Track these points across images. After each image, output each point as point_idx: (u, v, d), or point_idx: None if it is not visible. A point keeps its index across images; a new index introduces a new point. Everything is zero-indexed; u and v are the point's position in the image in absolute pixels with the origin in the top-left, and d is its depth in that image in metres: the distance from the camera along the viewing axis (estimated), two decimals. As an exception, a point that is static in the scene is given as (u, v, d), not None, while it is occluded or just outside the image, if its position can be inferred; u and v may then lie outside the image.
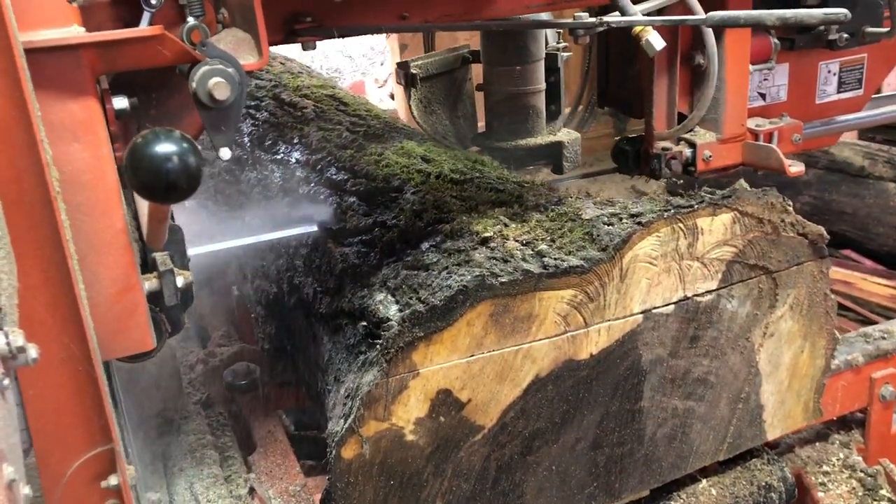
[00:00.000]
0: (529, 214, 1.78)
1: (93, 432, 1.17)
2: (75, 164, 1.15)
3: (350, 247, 1.87)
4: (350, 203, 2.04)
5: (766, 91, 2.59)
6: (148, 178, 0.83)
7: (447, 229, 1.73)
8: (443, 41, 3.70)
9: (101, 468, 1.18)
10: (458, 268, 1.55)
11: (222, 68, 1.14)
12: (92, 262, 1.19)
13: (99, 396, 1.14)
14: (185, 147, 0.83)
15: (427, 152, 2.27)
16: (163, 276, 1.29)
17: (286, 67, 3.57)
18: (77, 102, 1.13)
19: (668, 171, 2.27)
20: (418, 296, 1.52)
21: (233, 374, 2.31)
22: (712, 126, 2.34)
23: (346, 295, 1.72)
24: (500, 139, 2.71)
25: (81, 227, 1.17)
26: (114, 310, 1.24)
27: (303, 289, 1.93)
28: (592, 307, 1.59)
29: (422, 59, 2.72)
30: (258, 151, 2.67)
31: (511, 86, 2.61)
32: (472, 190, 1.97)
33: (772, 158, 2.30)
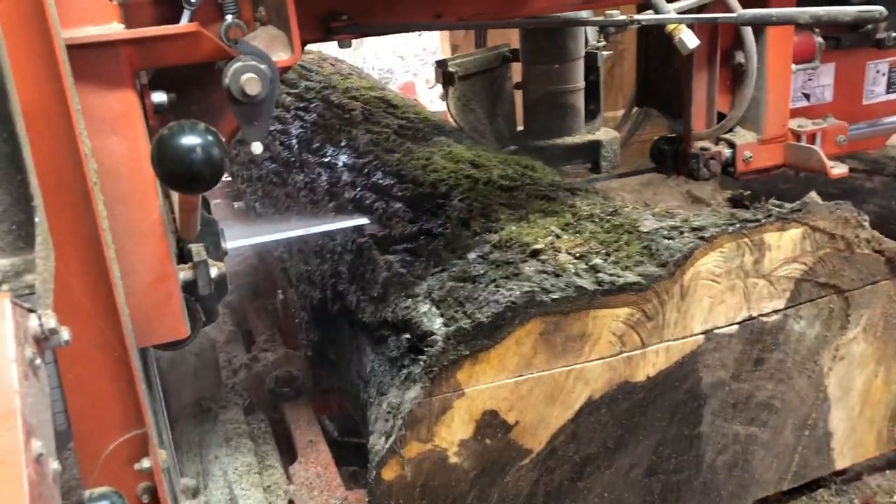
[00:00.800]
0: (583, 225, 1.68)
1: (127, 416, 1.19)
2: (114, 156, 1.19)
3: (395, 255, 1.80)
4: (396, 209, 1.98)
5: (811, 91, 2.55)
6: (173, 168, 0.86)
7: (495, 240, 1.66)
8: (494, 41, 3.70)
9: (135, 451, 1.21)
10: (507, 281, 1.48)
11: (254, 64, 1.17)
12: (129, 252, 1.22)
13: (132, 381, 1.18)
14: (209, 139, 0.85)
15: (476, 157, 2.20)
16: (197, 266, 1.32)
17: (336, 69, 3.54)
18: (115, 96, 1.17)
19: (707, 171, 2.25)
20: (464, 310, 1.46)
21: (276, 380, 2.26)
22: (753, 126, 2.31)
23: (390, 305, 1.65)
24: (539, 138, 2.69)
25: (119, 217, 1.21)
26: (149, 298, 1.26)
27: (346, 296, 1.87)
28: (650, 327, 1.50)
29: (460, 57, 2.72)
30: (306, 154, 2.63)
31: (550, 84, 2.60)
32: (521, 197, 1.89)
33: (813, 160, 2.27)
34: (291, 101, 3.12)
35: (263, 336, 2.66)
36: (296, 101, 3.13)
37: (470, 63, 2.68)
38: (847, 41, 2.40)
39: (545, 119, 2.55)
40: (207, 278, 1.32)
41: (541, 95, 2.54)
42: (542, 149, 2.56)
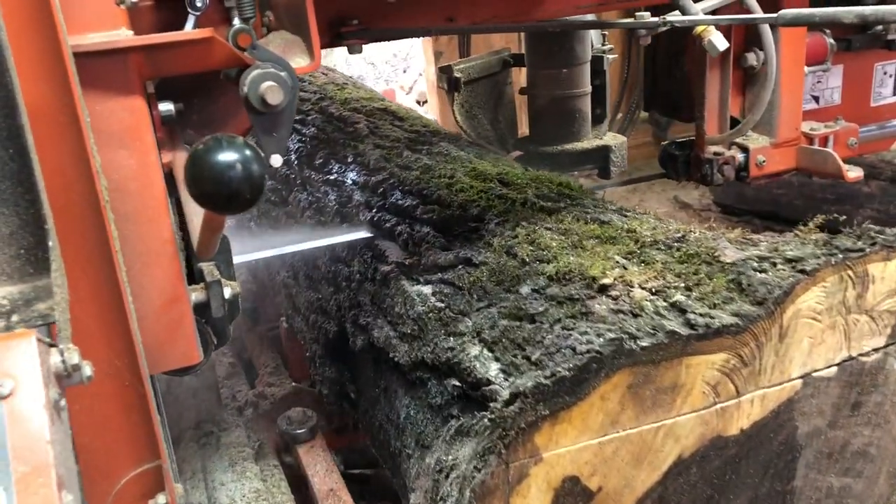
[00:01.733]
0: (649, 254, 1.50)
1: (140, 448, 1.12)
2: (122, 171, 1.11)
3: (429, 285, 1.62)
4: (424, 234, 1.79)
5: (820, 94, 2.52)
6: (210, 188, 0.79)
7: (551, 271, 1.47)
8: (478, 47, 3.66)
9: (148, 486, 1.14)
10: (575, 322, 1.31)
11: (274, 72, 1.11)
12: (138, 273, 1.14)
13: (147, 411, 1.10)
14: (249, 155, 0.78)
15: (503, 173, 2.03)
16: (210, 286, 1.24)
17: (329, 78, 3.38)
18: (124, 107, 1.09)
19: (721, 176, 2.21)
20: (525, 354, 1.28)
21: (288, 420, 2.06)
22: (766, 130, 2.26)
23: (428, 344, 1.47)
24: (545, 143, 2.61)
25: (128, 236, 1.13)
26: (160, 322, 1.19)
27: (371, 331, 1.68)
28: (746, 373, 1.33)
29: (464, 62, 2.67)
30: (308, 170, 2.43)
31: (557, 89, 2.51)
32: (568, 221, 1.70)
33: (829, 163, 2.22)
34: None
35: (267, 368, 2.46)
36: None
37: (473, 68, 2.62)
38: (858, 42, 2.37)
39: (553, 124, 2.48)
40: (221, 299, 1.25)
41: (548, 101, 2.48)
42: (549, 155, 2.50)
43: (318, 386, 1.98)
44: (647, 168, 5.13)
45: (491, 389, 1.25)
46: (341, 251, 1.99)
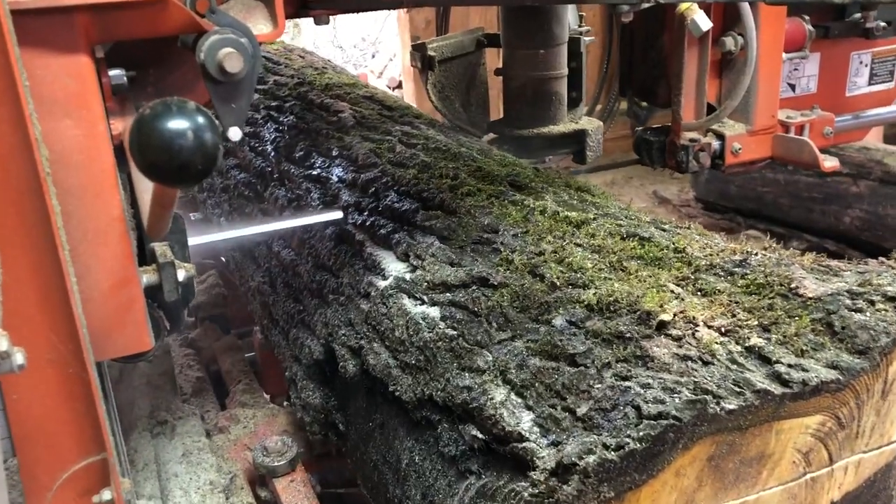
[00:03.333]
0: (707, 281, 1.26)
1: (84, 441, 1.06)
2: (66, 142, 1.03)
3: (436, 307, 1.39)
4: (427, 245, 1.55)
5: (796, 82, 2.50)
6: (157, 157, 0.72)
7: (590, 299, 1.24)
8: (455, 29, 3.59)
9: (92, 481, 1.08)
10: (630, 368, 1.08)
11: (234, 38, 1.03)
12: (84, 253, 1.07)
13: (91, 401, 1.04)
14: (201, 122, 0.71)
15: (514, 175, 1.81)
16: (162, 268, 1.18)
17: (307, 61, 3.12)
18: (69, 73, 1.00)
19: (696, 163, 2.18)
20: (566, 404, 1.06)
21: (264, 450, 1.79)
22: (742, 117, 2.23)
23: (438, 380, 1.25)
24: (520, 126, 2.51)
25: (73, 213, 1.05)
26: (108, 305, 1.11)
27: (365, 356, 1.46)
28: (842, 437, 1.12)
29: (437, 41, 2.59)
30: (286, 164, 2.19)
31: (533, 70, 2.42)
32: (602, 235, 1.46)
33: (804, 152, 2.20)
34: (260, 99, 2.69)
35: (239, 384, 2.18)
36: (266, 98, 2.70)
37: (446, 47, 2.55)
38: (836, 30, 2.35)
39: (528, 107, 2.42)
40: (174, 282, 1.18)
41: (524, 82, 2.40)
42: (524, 138, 2.43)
43: (299, 412, 1.75)
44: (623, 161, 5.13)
45: (526, 448, 1.04)
46: (327, 258, 1.77)
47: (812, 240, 3.65)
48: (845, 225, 3.54)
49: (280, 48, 3.36)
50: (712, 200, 4.11)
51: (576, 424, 1.03)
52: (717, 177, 3.97)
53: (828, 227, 3.60)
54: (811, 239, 3.66)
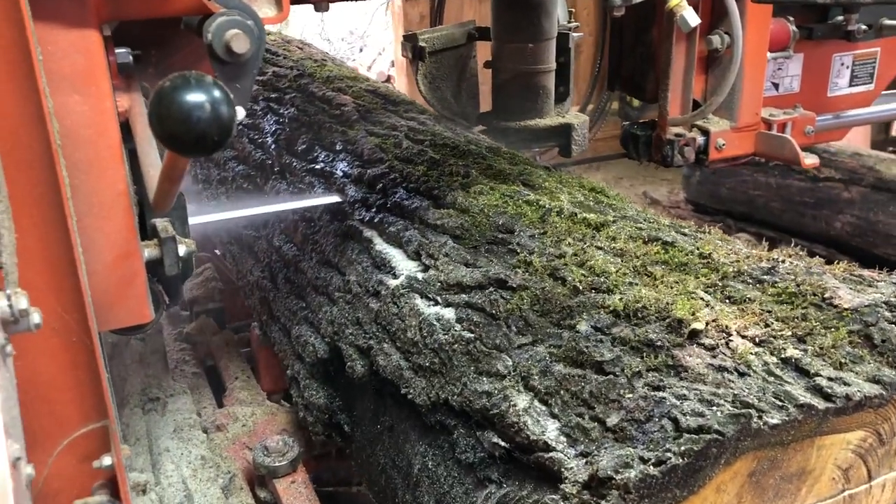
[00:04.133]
0: (735, 288, 1.21)
1: (86, 408, 1.07)
2: (74, 116, 1.05)
3: (450, 308, 1.33)
4: (440, 244, 1.49)
5: (780, 81, 2.54)
6: (176, 128, 0.75)
7: (616, 305, 1.19)
8: (449, 23, 3.59)
9: (93, 447, 1.09)
10: (662, 378, 1.03)
11: (240, 20, 1.06)
12: (89, 226, 1.08)
13: (95, 369, 1.06)
14: (218, 95, 0.75)
15: (525, 174, 1.75)
16: (164, 243, 1.20)
17: (306, 53, 3.04)
18: (79, 49, 1.01)
19: (681, 157, 2.22)
20: (594, 414, 1.02)
21: (265, 450, 1.72)
22: (727, 114, 2.27)
23: (453, 383, 1.21)
24: (508, 119, 2.52)
25: (80, 186, 1.07)
26: (111, 278, 1.13)
27: (375, 356, 1.40)
28: (882, 453, 1.08)
29: (428, 32, 2.62)
30: (287, 157, 2.11)
31: (522, 64, 2.43)
32: (623, 239, 1.41)
33: (786, 149, 2.25)
34: (259, 91, 2.61)
35: (237, 380, 2.11)
36: (265, 90, 2.63)
37: (437, 39, 2.58)
38: (819, 31, 2.40)
39: (516, 100, 2.45)
40: (175, 256, 1.21)
41: (513, 75, 2.42)
42: (512, 130, 2.47)
43: (301, 411, 1.69)
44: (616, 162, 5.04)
45: (553, 458, 0.99)
46: (332, 255, 1.70)
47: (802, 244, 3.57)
48: (836, 230, 3.51)
49: (278, 39, 3.29)
50: (703, 202, 4.07)
51: (606, 435, 0.99)
52: (709, 179, 3.94)
53: (819, 231, 3.57)
54: (802, 243, 3.50)
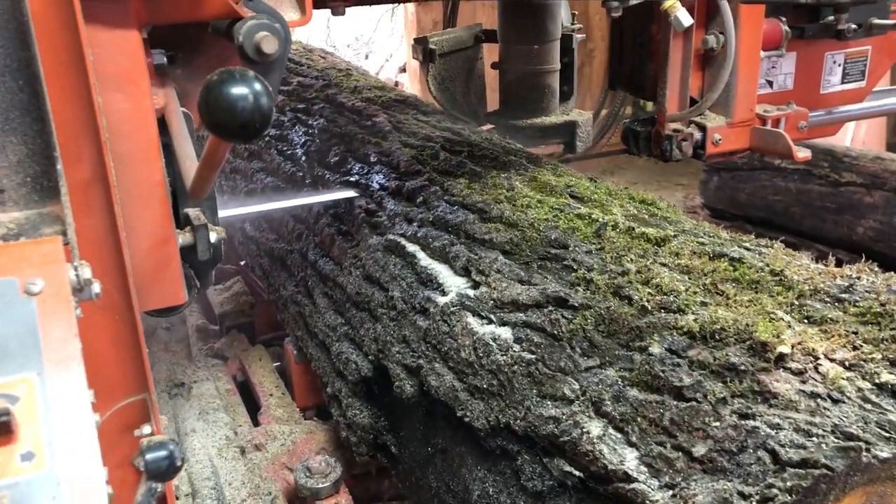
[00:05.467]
0: (815, 308, 1.12)
1: (128, 380, 1.13)
2: (117, 113, 1.12)
3: (506, 327, 1.26)
4: (490, 260, 1.40)
5: (774, 79, 2.60)
6: (223, 117, 0.83)
7: (691, 326, 1.10)
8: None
9: (134, 417, 1.15)
10: (750, 405, 0.95)
11: (268, 23, 1.14)
12: (129, 215, 1.14)
13: (138, 345, 1.13)
14: (259, 88, 0.83)
15: (573, 185, 1.66)
16: (197, 230, 1.27)
17: (329, 62, 3.00)
18: (122, 51, 1.08)
19: (679, 152, 2.28)
20: (677, 443, 0.95)
21: (307, 471, 1.64)
22: (722, 110, 2.34)
23: (516, 407, 1.14)
24: (515, 117, 2.61)
25: (121, 177, 1.14)
26: (148, 262, 1.18)
27: (426, 376, 1.33)
28: None
29: (437, 35, 2.70)
30: (320, 168, 2.03)
31: (528, 64, 2.54)
32: (686, 254, 1.30)
33: (780, 144, 2.30)
34: (285, 101, 2.55)
35: (272, 397, 2.03)
36: (291, 100, 2.56)
37: (446, 41, 2.65)
38: (811, 31, 2.46)
39: (523, 99, 2.53)
40: (207, 242, 1.29)
41: (519, 75, 2.48)
42: (518, 128, 2.53)
43: (344, 431, 1.62)
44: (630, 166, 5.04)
45: (636, 490, 0.93)
46: (373, 269, 1.62)
47: (823, 250, 3.46)
48: (858, 235, 3.41)
49: (300, 48, 3.25)
50: (721, 208, 3.96)
51: (693, 466, 0.91)
52: (727, 184, 3.87)
53: (840, 237, 3.46)
54: (822, 249, 3.48)
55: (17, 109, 0.90)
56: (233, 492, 1.66)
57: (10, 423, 0.63)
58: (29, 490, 0.61)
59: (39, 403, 0.65)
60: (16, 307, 0.68)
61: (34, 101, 0.89)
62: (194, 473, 1.70)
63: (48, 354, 0.67)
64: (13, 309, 0.68)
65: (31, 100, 0.89)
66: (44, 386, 0.65)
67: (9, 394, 0.64)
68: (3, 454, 0.62)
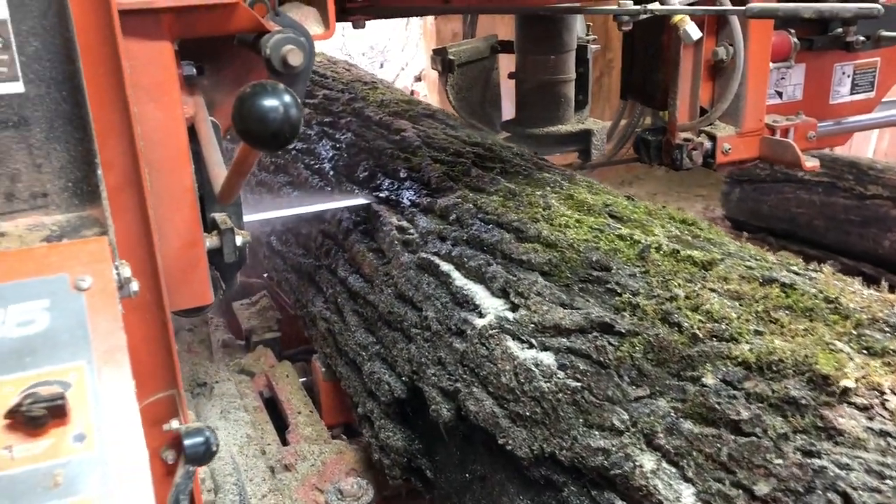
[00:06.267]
0: (875, 339, 1.05)
1: (158, 377, 1.18)
2: (150, 122, 1.17)
3: (548, 353, 1.22)
4: (530, 281, 1.36)
5: (783, 90, 2.63)
6: (255, 126, 0.89)
7: (746, 356, 1.04)
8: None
9: (163, 412, 1.20)
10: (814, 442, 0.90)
11: (294, 36, 1.19)
12: (160, 217, 1.19)
13: (167, 343, 1.18)
14: (289, 100, 0.88)
15: (611, 204, 1.60)
16: (223, 234, 1.33)
17: (354, 75, 2.98)
18: (156, 63, 1.13)
19: (689, 161, 2.31)
20: (736, 480, 0.91)
21: (339, 493, 1.62)
22: (732, 120, 2.37)
23: (561, 436, 1.11)
24: (531, 126, 2.65)
25: (154, 182, 1.20)
26: (178, 263, 1.23)
27: (464, 401, 1.29)
28: None
29: (455, 46, 2.76)
30: (348, 184, 1.99)
31: (545, 74, 2.58)
32: (735, 279, 1.23)
33: (788, 153, 2.33)
34: (311, 114, 2.52)
35: (300, 415, 2.00)
36: (317, 113, 2.53)
37: (464, 52, 2.71)
38: (819, 43, 2.49)
39: (539, 108, 2.57)
40: (233, 246, 1.34)
41: (535, 85, 2.51)
42: (534, 136, 2.59)
43: (376, 453, 1.58)
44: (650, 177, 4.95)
45: None
46: (406, 288, 1.58)
47: (848, 263, 3.41)
48: (884, 249, 3.35)
49: (323, 59, 3.25)
50: (743, 219, 3.91)
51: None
52: (749, 196, 3.84)
53: (865, 250, 3.41)
54: (847, 262, 3.42)
55: (60, 119, 0.95)
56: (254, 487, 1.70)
57: (64, 407, 0.68)
58: (80, 469, 0.66)
59: (89, 389, 0.70)
60: (67, 302, 0.74)
61: (76, 111, 0.94)
62: (216, 470, 1.74)
63: (96, 345, 0.72)
64: (64, 303, 0.74)
65: (74, 110, 0.94)
66: (93, 374, 0.70)
67: (62, 380, 0.70)
68: (57, 435, 0.67)
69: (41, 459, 0.66)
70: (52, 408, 0.67)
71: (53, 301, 0.74)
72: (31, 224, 0.92)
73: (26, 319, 0.73)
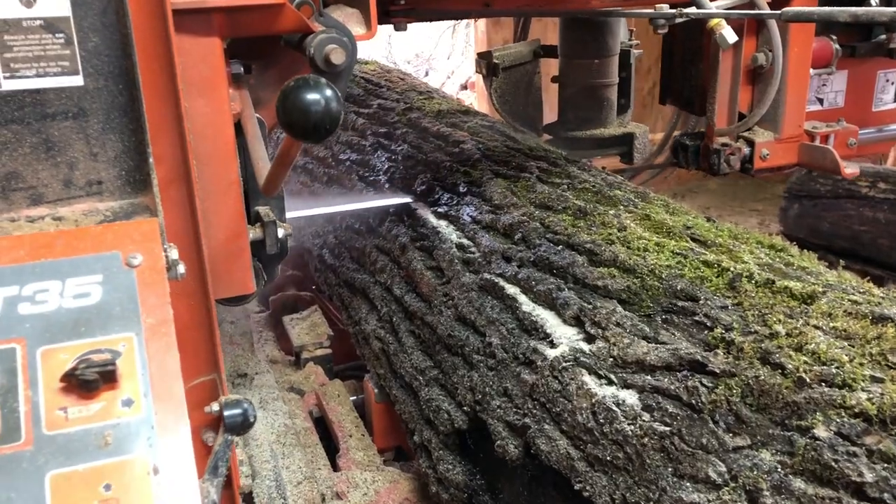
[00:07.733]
0: None
1: (200, 362, 1.20)
2: (199, 118, 1.21)
3: (630, 391, 1.13)
4: (607, 311, 1.26)
5: (824, 96, 2.62)
6: (298, 118, 0.93)
7: (866, 407, 0.92)
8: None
9: (205, 395, 1.23)
10: None
11: (337, 36, 1.24)
12: (207, 210, 1.20)
13: (211, 329, 1.23)
14: (330, 94, 0.93)
15: (692, 226, 1.48)
16: (266, 226, 1.37)
17: (409, 84, 2.96)
18: (206, 61, 1.16)
19: (727, 166, 2.32)
20: None
21: None
22: (771, 125, 2.36)
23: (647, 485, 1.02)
24: (574, 129, 2.69)
25: (201, 175, 1.26)
26: (222, 253, 1.26)
27: (533, 438, 1.21)
28: None
29: (499, 50, 2.81)
30: (403, 195, 1.95)
31: (588, 78, 2.62)
32: (842, 316, 1.10)
33: (827, 160, 2.32)
34: (365, 124, 2.48)
35: (351, 437, 1.94)
36: (372, 123, 2.48)
37: (508, 56, 2.74)
38: (862, 50, 2.47)
39: (582, 111, 2.61)
40: (275, 238, 1.38)
41: (579, 89, 2.59)
42: (577, 139, 2.60)
43: (434, 486, 1.49)
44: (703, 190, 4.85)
45: None
46: (467, 311, 1.49)
47: None
48: None
49: (377, 68, 3.22)
50: (802, 237, 3.76)
51: None
52: (809, 212, 3.76)
53: None
54: None
55: (116, 110, 1.00)
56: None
57: (115, 373, 0.73)
58: (128, 431, 0.71)
59: (137, 358, 0.75)
60: (119, 277, 0.79)
61: (131, 104, 0.99)
62: (255, 457, 1.79)
63: (145, 318, 0.77)
64: (117, 278, 0.79)
65: (129, 103, 0.99)
66: (141, 344, 0.75)
67: (113, 349, 0.75)
68: (108, 399, 0.72)
69: (93, 420, 0.71)
70: (103, 373, 0.72)
71: (106, 276, 0.79)
72: (86, 210, 0.98)
73: (82, 292, 0.79)
